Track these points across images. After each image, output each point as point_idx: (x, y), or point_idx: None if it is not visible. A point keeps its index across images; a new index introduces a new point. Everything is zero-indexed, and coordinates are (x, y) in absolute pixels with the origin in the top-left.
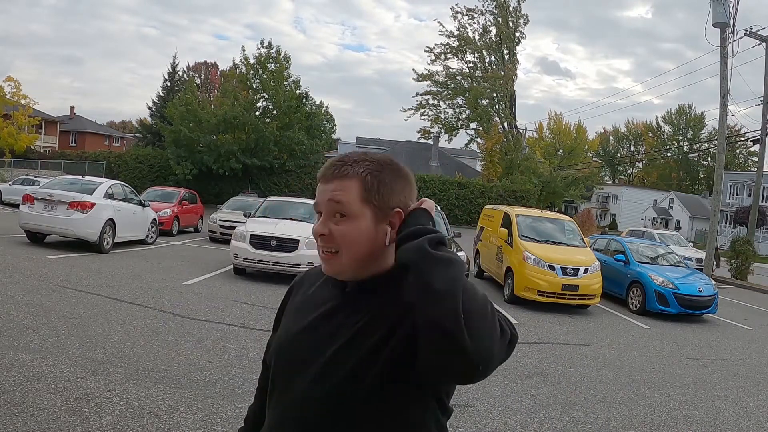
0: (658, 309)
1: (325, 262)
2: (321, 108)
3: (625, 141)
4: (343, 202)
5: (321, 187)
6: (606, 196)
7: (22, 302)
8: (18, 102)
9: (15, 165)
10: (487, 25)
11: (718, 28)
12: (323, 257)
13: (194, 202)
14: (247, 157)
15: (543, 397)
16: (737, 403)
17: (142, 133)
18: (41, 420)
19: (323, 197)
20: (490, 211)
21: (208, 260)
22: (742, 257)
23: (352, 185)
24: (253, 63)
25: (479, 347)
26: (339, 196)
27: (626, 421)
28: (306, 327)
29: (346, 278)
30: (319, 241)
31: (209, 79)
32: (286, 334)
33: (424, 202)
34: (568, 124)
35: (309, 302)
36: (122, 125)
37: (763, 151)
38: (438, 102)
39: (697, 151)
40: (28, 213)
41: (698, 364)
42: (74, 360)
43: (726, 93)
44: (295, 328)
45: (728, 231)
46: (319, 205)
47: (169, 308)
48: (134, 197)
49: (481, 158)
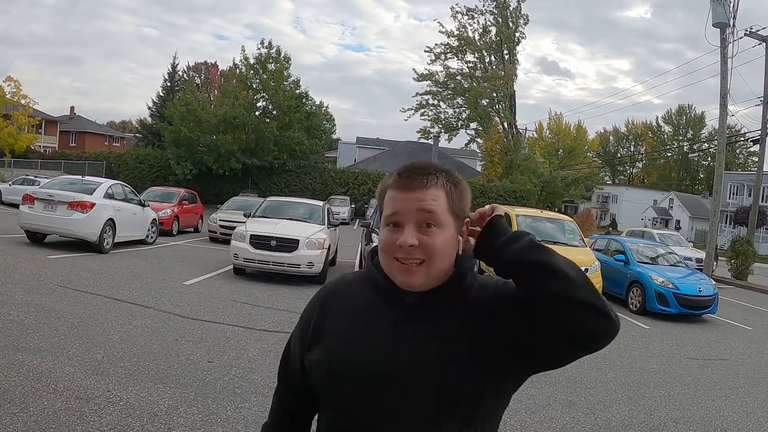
0: (658, 309)
1: (406, 274)
2: (321, 108)
3: (625, 141)
4: (435, 212)
5: (402, 195)
6: (606, 196)
7: (22, 302)
8: (18, 102)
9: (15, 165)
10: (487, 25)
11: (718, 28)
12: (405, 269)
13: (194, 202)
14: (247, 157)
15: (543, 397)
16: (737, 403)
17: (142, 133)
18: (41, 420)
19: (410, 206)
20: None
21: (208, 260)
22: (742, 257)
23: (440, 195)
24: (253, 63)
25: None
26: (431, 205)
27: (626, 421)
28: (378, 340)
29: (423, 288)
30: (400, 252)
31: (209, 79)
32: (352, 350)
33: (496, 208)
34: (568, 124)
35: (364, 315)
36: (122, 125)
37: (763, 151)
38: (438, 102)
39: (697, 151)
40: (28, 213)
41: (698, 364)
42: (74, 360)
43: (726, 93)
44: (364, 343)
45: (728, 231)
46: (403, 214)
47: (169, 308)
48: (134, 197)
49: (481, 158)
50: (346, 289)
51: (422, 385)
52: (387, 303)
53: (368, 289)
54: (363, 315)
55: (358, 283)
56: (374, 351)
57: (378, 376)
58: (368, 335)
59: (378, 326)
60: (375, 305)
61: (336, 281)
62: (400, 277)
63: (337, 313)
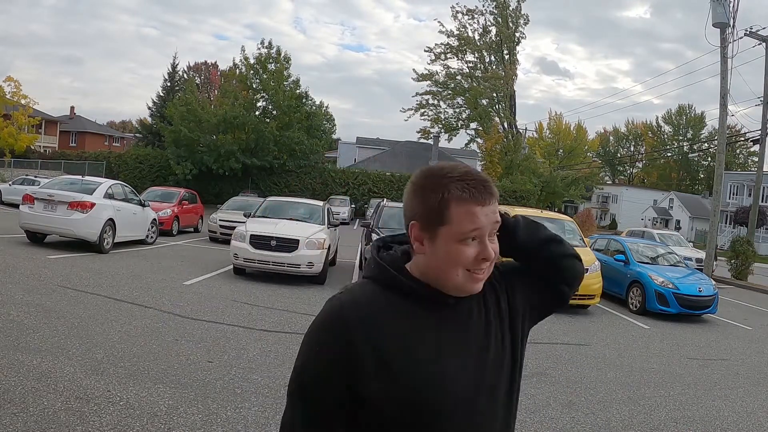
0: (658, 309)
1: (476, 283)
2: (321, 108)
3: (625, 141)
4: (499, 222)
5: (483, 210)
6: (606, 196)
7: (22, 302)
8: (18, 102)
9: (15, 165)
10: (487, 25)
11: (718, 28)
12: (476, 278)
13: (194, 202)
14: (246, 157)
15: (543, 397)
16: (737, 403)
17: (142, 133)
18: (41, 420)
19: (490, 220)
20: None
21: (208, 260)
22: (742, 257)
23: (497, 203)
24: (253, 63)
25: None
26: (498, 216)
27: (626, 421)
28: (453, 355)
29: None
30: (480, 264)
31: (209, 79)
32: (434, 372)
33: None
34: (568, 124)
35: (421, 332)
36: (122, 125)
37: (763, 151)
38: (438, 102)
39: (697, 151)
40: (28, 213)
41: (698, 364)
42: (74, 360)
43: (726, 93)
44: (443, 364)
45: (728, 231)
46: (485, 229)
47: (169, 308)
48: (134, 197)
49: (481, 158)
50: (376, 308)
51: (500, 387)
52: (429, 309)
53: (399, 300)
54: (420, 332)
55: (379, 297)
56: (456, 367)
57: (469, 391)
58: (439, 352)
59: (442, 340)
60: (423, 317)
61: (350, 305)
62: (470, 285)
63: (388, 343)
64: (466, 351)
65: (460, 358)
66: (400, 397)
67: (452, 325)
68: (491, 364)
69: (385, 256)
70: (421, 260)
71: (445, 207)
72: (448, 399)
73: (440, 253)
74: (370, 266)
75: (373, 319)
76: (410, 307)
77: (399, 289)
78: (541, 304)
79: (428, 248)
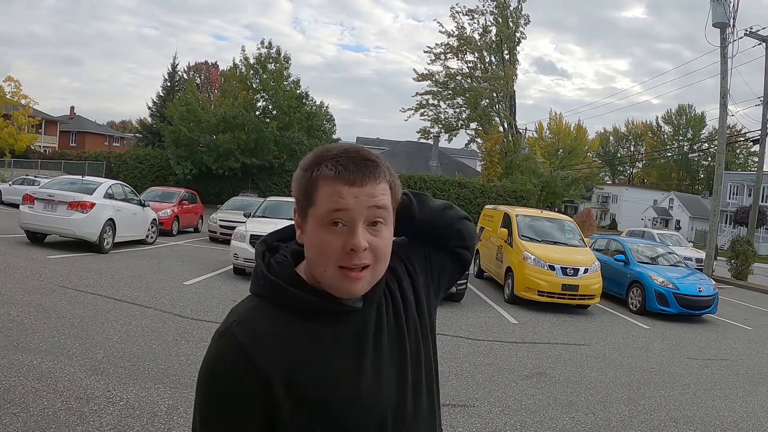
0: (658, 309)
1: (352, 282)
2: (321, 108)
3: (625, 141)
4: (387, 208)
5: (352, 190)
6: (606, 196)
7: (22, 302)
8: (18, 102)
9: (15, 165)
10: (487, 25)
11: (718, 28)
12: (354, 276)
13: (194, 202)
14: (246, 157)
15: (543, 397)
16: (737, 403)
17: (142, 133)
18: (41, 420)
19: (363, 203)
20: (490, 211)
21: (208, 260)
22: (742, 257)
23: (386, 188)
24: (253, 63)
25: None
26: (383, 201)
27: (626, 421)
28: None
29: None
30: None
31: (209, 79)
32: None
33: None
34: (568, 124)
35: (329, 354)
36: (122, 125)
37: (763, 151)
38: (438, 102)
39: (697, 151)
40: (28, 213)
41: (698, 364)
42: (74, 360)
43: (726, 93)
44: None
45: (728, 231)
46: (354, 212)
47: (169, 308)
48: (134, 197)
49: (481, 158)
50: (277, 337)
51: (422, 381)
52: (332, 323)
53: (298, 320)
54: (327, 353)
55: (277, 320)
56: (374, 381)
57: (392, 400)
58: (354, 370)
59: (354, 355)
60: (324, 335)
61: (251, 339)
62: (345, 286)
63: (293, 370)
64: (380, 358)
65: (377, 369)
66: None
67: (361, 335)
68: (409, 361)
69: (276, 267)
70: (306, 253)
71: (313, 186)
72: (374, 416)
73: (309, 241)
74: (259, 282)
75: (278, 350)
76: (312, 325)
77: (296, 306)
78: (444, 274)
79: (305, 235)
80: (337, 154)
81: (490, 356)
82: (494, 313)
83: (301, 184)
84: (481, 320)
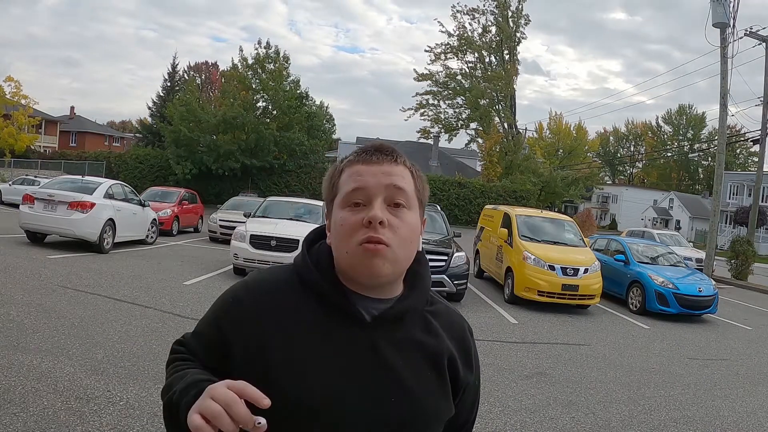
0: (658, 309)
1: (373, 257)
2: (321, 109)
3: (625, 141)
4: (406, 190)
5: (370, 168)
6: (606, 196)
7: (22, 302)
8: (18, 102)
9: (15, 165)
10: (487, 24)
11: (718, 28)
12: (373, 249)
13: (194, 202)
14: (246, 158)
15: (543, 397)
16: (737, 403)
17: (142, 133)
18: (41, 420)
19: (379, 180)
20: (490, 211)
21: (208, 260)
22: (742, 257)
23: (408, 174)
24: (252, 63)
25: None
26: (402, 182)
27: (626, 421)
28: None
29: (383, 283)
30: (365, 232)
31: (210, 79)
32: (324, 386)
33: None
34: (568, 125)
35: (322, 339)
36: (122, 125)
37: (763, 151)
38: (438, 102)
39: (697, 151)
40: (28, 213)
41: (698, 364)
42: (74, 360)
43: (726, 93)
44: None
45: (728, 231)
46: (371, 190)
47: (169, 308)
48: (134, 197)
49: (481, 158)
50: (276, 296)
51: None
52: (339, 323)
53: (306, 300)
54: (321, 339)
55: (288, 290)
56: (354, 389)
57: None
58: (337, 366)
59: (346, 355)
60: (324, 325)
61: (255, 282)
62: (365, 262)
63: (276, 330)
64: (362, 378)
65: (351, 384)
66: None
67: (357, 346)
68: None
69: (320, 247)
70: (331, 243)
71: (338, 175)
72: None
73: (333, 227)
74: (298, 257)
75: (269, 301)
76: (319, 313)
77: (313, 287)
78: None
79: (330, 230)
80: (361, 148)
81: (490, 356)
82: (494, 313)
83: (328, 177)
84: (481, 320)
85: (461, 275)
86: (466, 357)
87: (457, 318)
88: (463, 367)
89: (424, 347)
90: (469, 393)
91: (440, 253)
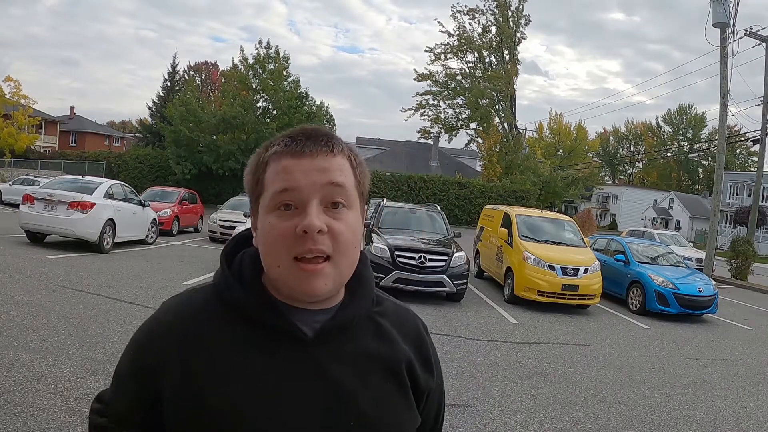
0: (658, 309)
1: (310, 278)
2: (321, 109)
3: (625, 141)
4: (345, 186)
5: (301, 163)
6: (606, 196)
7: (22, 302)
8: (18, 102)
9: (15, 165)
10: (487, 24)
11: (718, 29)
12: (311, 269)
13: (194, 202)
14: (246, 158)
15: (543, 397)
16: (737, 403)
17: (142, 133)
18: (41, 420)
19: (314, 179)
20: (490, 211)
21: (208, 260)
22: (742, 257)
23: (347, 165)
24: (252, 63)
25: None
26: (341, 177)
27: (626, 421)
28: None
29: (328, 295)
30: (301, 244)
31: (210, 79)
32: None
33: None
34: (568, 125)
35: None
36: (122, 125)
37: (763, 151)
38: (438, 102)
39: (697, 151)
40: (28, 213)
41: (698, 364)
42: (74, 360)
43: (726, 93)
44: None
45: (728, 231)
46: (305, 190)
47: None
48: (134, 197)
49: (481, 158)
50: (195, 326)
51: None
52: (276, 345)
53: (232, 325)
54: (259, 369)
55: (207, 317)
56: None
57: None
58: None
59: (290, 383)
60: (259, 351)
61: (169, 311)
62: (301, 282)
63: (204, 369)
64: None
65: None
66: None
67: (304, 373)
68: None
69: (242, 257)
70: (260, 251)
71: (262, 169)
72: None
73: (260, 235)
74: (216, 273)
75: (194, 329)
76: (248, 333)
77: (238, 307)
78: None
79: (257, 232)
80: (290, 132)
81: (490, 356)
82: (494, 313)
83: (251, 169)
84: (481, 320)
85: (461, 275)
86: (425, 359)
87: (409, 315)
88: (422, 371)
89: (377, 358)
90: (433, 397)
91: (440, 253)
